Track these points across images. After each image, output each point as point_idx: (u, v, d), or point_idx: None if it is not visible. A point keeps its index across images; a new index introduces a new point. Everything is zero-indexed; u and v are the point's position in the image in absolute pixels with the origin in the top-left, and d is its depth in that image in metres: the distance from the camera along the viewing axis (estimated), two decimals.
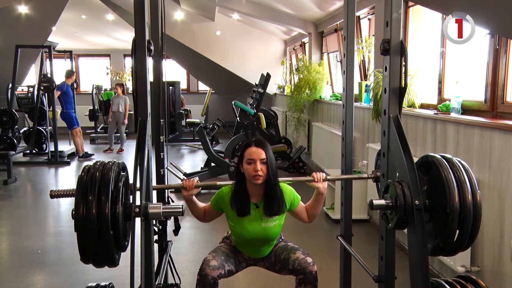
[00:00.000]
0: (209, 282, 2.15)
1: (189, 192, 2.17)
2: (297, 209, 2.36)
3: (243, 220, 2.26)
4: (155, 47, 2.24)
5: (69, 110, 8.30)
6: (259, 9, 7.89)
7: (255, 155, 2.18)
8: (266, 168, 2.18)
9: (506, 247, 2.56)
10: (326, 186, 2.25)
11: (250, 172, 2.18)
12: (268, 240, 2.34)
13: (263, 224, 2.27)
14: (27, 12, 7.64)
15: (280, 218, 2.31)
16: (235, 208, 2.25)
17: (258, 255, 2.41)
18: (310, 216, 2.38)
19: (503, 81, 2.95)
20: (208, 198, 2.52)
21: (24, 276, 3.38)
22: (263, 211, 2.25)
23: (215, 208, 2.35)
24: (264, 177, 2.18)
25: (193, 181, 2.15)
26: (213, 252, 2.31)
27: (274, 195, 2.22)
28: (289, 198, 2.31)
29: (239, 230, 2.30)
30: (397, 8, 1.81)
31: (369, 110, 4.18)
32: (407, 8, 4.12)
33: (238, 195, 2.25)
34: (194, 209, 2.34)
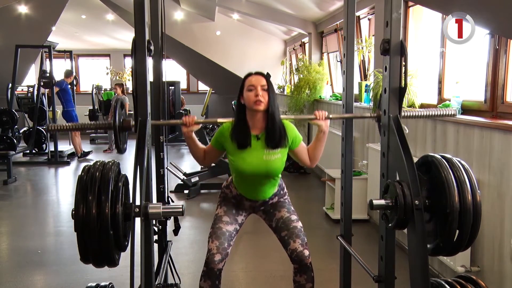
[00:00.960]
0: (214, 274, 2.20)
1: (189, 128, 2.15)
2: (299, 148, 2.29)
3: (244, 152, 2.20)
4: (155, 47, 2.24)
5: (70, 109, 8.31)
6: (259, 9, 7.89)
7: (256, 82, 2.14)
8: (267, 95, 2.14)
9: (506, 247, 2.56)
10: (328, 125, 2.22)
11: (251, 99, 2.13)
12: (269, 176, 2.26)
13: (264, 157, 2.20)
14: (27, 12, 7.64)
15: (282, 152, 2.23)
16: (235, 140, 2.20)
17: (259, 197, 2.33)
18: (312, 157, 2.32)
19: (503, 81, 2.95)
20: (208, 198, 2.53)
21: (24, 276, 3.38)
22: (264, 143, 2.19)
23: (216, 146, 2.29)
24: (265, 104, 2.13)
25: (193, 117, 2.14)
26: (216, 240, 2.23)
27: (275, 126, 2.17)
28: (291, 134, 2.25)
29: (240, 163, 2.22)
30: (397, 8, 1.81)
31: (369, 110, 4.19)
32: (407, 8, 4.12)
33: (238, 127, 2.20)
34: (194, 147, 2.29)
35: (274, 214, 2.37)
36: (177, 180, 5.79)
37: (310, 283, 2.28)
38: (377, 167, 2.25)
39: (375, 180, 3.79)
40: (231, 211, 2.37)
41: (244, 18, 9.06)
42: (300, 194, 5.69)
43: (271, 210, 2.38)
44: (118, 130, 1.89)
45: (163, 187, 2.65)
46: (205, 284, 2.22)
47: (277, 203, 2.39)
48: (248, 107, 2.18)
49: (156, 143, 2.65)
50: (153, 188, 2.03)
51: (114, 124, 1.87)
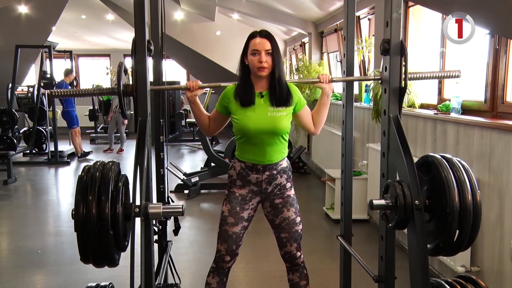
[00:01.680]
0: (223, 271, 2.26)
1: (192, 92, 2.15)
2: (303, 111, 2.26)
3: (248, 109, 2.15)
4: (155, 47, 2.24)
5: (70, 109, 8.31)
6: (259, 9, 7.89)
7: (260, 46, 2.10)
8: (272, 60, 2.11)
9: (506, 247, 2.56)
10: (332, 87, 2.22)
11: (255, 64, 2.10)
12: (276, 133, 2.17)
13: (269, 114, 2.15)
14: (27, 12, 7.64)
15: (287, 111, 2.18)
16: (239, 98, 2.16)
17: (265, 159, 2.20)
18: (316, 122, 2.30)
19: (503, 81, 2.95)
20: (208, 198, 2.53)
21: (24, 276, 3.38)
22: (268, 101, 2.16)
23: (220, 110, 2.24)
24: (269, 68, 2.11)
25: (197, 81, 2.15)
26: (224, 243, 2.22)
27: (280, 88, 2.14)
28: (296, 95, 2.23)
29: (245, 122, 2.15)
30: (397, 8, 1.81)
31: (369, 110, 4.19)
32: (407, 8, 4.12)
33: (242, 85, 2.18)
34: (198, 113, 2.26)
35: (282, 211, 2.27)
36: (177, 180, 5.79)
37: (304, 280, 2.32)
38: (377, 167, 2.25)
39: (375, 180, 3.79)
40: (235, 209, 2.25)
41: (244, 18, 9.05)
42: (300, 194, 5.66)
43: (280, 206, 2.27)
44: (122, 95, 1.90)
45: (163, 187, 2.65)
46: (212, 280, 2.28)
47: (287, 199, 2.27)
48: (252, 71, 2.17)
49: (156, 143, 2.64)
50: (153, 188, 2.03)
51: (119, 89, 1.89)
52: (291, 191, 2.30)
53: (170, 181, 3.54)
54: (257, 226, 2.90)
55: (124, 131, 9.36)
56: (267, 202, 2.29)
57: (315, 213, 4.94)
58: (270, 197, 2.27)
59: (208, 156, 6.42)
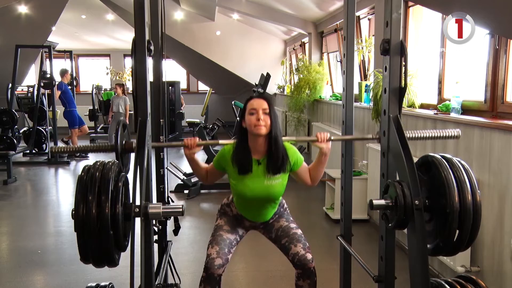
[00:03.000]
0: (214, 279, 2.17)
1: (191, 150, 2.15)
2: (300, 169, 2.29)
3: (245, 177, 2.20)
4: (155, 47, 2.24)
5: (71, 109, 8.33)
6: (259, 9, 7.89)
7: (258, 105, 2.14)
8: (269, 120, 2.13)
9: (506, 247, 2.56)
10: (329, 147, 2.21)
11: (252, 122, 2.12)
12: (271, 200, 2.27)
13: (265, 182, 2.20)
14: (27, 12, 7.64)
15: (283, 177, 2.24)
16: (237, 165, 2.19)
17: (260, 219, 2.34)
18: (313, 178, 2.32)
19: (503, 81, 2.95)
20: (208, 198, 2.54)
21: (24, 276, 3.38)
22: (265, 169, 2.19)
23: (217, 167, 2.29)
24: (267, 128, 2.12)
25: (195, 139, 2.14)
26: (216, 245, 2.21)
27: (277, 151, 2.16)
28: (292, 157, 2.25)
29: (241, 188, 2.22)
30: (397, 8, 1.81)
31: (369, 110, 4.19)
32: (407, 8, 4.12)
33: (240, 151, 2.19)
34: (196, 168, 2.29)
35: (273, 225, 2.37)
36: (177, 180, 5.79)
37: (313, 287, 2.25)
38: (377, 167, 2.25)
39: (375, 180, 3.79)
40: (232, 223, 2.37)
41: (244, 18, 9.06)
42: (300, 194, 5.69)
43: (270, 221, 2.39)
44: (120, 153, 1.88)
45: (163, 187, 2.65)
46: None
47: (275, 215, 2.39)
48: (249, 131, 2.17)
49: None
50: (153, 188, 2.03)
51: (116, 146, 1.86)
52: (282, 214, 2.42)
53: (170, 181, 3.55)
54: None
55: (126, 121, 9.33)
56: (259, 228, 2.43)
57: (315, 213, 4.94)
58: None
59: (208, 156, 6.42)
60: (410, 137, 1.96)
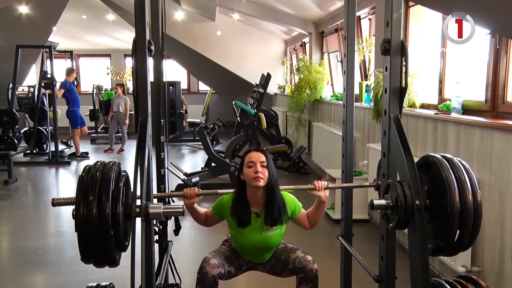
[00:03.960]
0: (209, 281, 2.13)
1: (190, 200, 2.17)
2: (299, 217, 2.36)
3: (244, 229, 2.27)
4: (156, 47, 2.24)
5: (75, 108, 8.34)
6: (260, 9, 7.89)
7: (255, 158, 2.20)
8: (267, 172, 2.19)
9: (507, 247, 2.56)
10: (327, 195, 2.24)
11: (251, 175, 2.17)
12: (269, 248, 2.35)
13: (264, 234, 2.27)
14: (27, 12, 7.64)
15: (281, 227, 2.31)
16: (236, 218, 2.25)
17: (259, 261, 2.41)
18: (312, 223, 2.38)
19: (503, 81, 2.94)
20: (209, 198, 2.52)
21: (24, 276, 3.38)
22: (263, 220, 2.25)
23: (216, 215, 2.37)
24: (265, 180, 2.18)
25: (194, 189, 2.17)
26: (213, 252, 2.31)
27: (275, 203, 2.21)
28: (290, 206, 2.31)
29: (240, 239, 2.31)
30: (398, 8, 1.81)
31: (370, 110, 4.18)
32: (407, 8, 4.12)
33: (238, 204, 2.25)
34: (196, 215, 2.35)
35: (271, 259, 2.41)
36: (177, 180, 5.79)
37: None
38: None
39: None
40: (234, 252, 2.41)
41: (245, 18, 9.05)
42: (300, 194, 5.67)
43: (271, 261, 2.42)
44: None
45: (163, 187, 2.66)
46: None
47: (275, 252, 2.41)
48: (248, 183, 2.21)
49: (157, 143, 2.65)
50: (153, 188, 2.03)
51: None
52: None
53: (170, 181, 3.54)
54: None
55: (126, 131, 9.36)
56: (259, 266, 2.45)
57: None
58: None
59: (208, 156, 6.42)
60: None
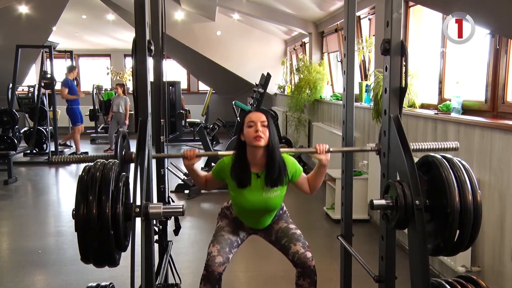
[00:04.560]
0: (215, 278, 2.18)
1: (190, 161, 2.17)
2: (299, 180, 2.32)
3: (244, 190, 2.23)
4: (156, 47, 2.24)
5: (74, 106, 8.35)
6: (260, 9, 7.89)
7: (256, 118, 2.17)
8: (268, 132, 2.16)
9: (507, 247, 2.56)
10: (328, 158, 2.22)
11: (251, 135, 2.15)
12: (269, 211, 2.32)
13: (264, 195, 2.24)
14: (27, 12, 7.64)
15: (282, 189, 2.27)
16: (236, 179, 2.23)
17: (259, 226, 2.38)
18: (312, 187, 2.35)
19: (503, 81, 2.95)
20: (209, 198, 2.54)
21: (24, 276, 3.38)
22: (264, 181, 2.22)
23: (216, 177, 2.33)
24: (265, 140, 2.15)
25: (194, 151, 2.17)
26: (217, 244, 2.24)
27: (275, 164, 2.18)
28: (291, 169, 2.28)
29: (240, 200, 2.27)
30: (398, 8, 1.81)
31: (370, 110, 4.18)
32: (407, 8, 4.12)
33: (238, 165, 2.22)
34: (196, 177, 2.33)
35: (272, 227, 2.40)
36: (177, 180, 5.79)
37: (313, 286, 2.26)
38: (378, 167, 2.25)
39: (375, 180, 3.79)
40: (233, 225, 2.39)
41: (245, 18, 9.05)
42: (300, 194, 5.67)
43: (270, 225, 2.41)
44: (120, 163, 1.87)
45: (163, 187, 2.66)
46: None
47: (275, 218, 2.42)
48: (248, 143, 2.19)
49: (157, 143, 2.65)
50: (153, 188, 2.03)
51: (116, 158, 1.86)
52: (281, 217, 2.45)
53: (170, 181, 3.55)
54: None
55: (125, 131, 9.35)
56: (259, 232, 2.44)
57: (315, 213, 4.94)
58: None
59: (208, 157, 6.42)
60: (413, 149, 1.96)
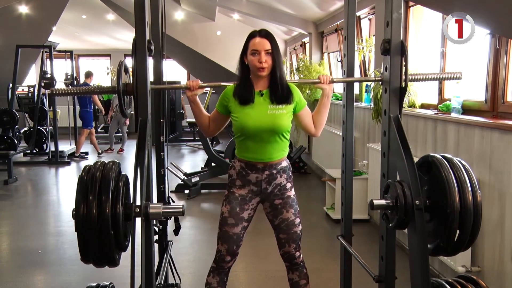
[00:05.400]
0: (224, 271, 2.28)
1: (192, 92, 2.15)
2: (303, 111, 2.25)
3: (247, 107, 2.14)
4: (156, 47, 2.24)
5: (91, 110, 8.58)
6: (260, 9, 7.89)
7: (260, 46, 2.09)
8: (272, 59, 2.10)
9: (507, 247, 2.56)
10: (332, 88, 2.21)
11: (255, 64, 2.09)
12: (274, 132, 2.15)
13: (269, 112, 2.14)
14: (27, 12, 7.64)
15: (287, 109, 2.17)
16: (238, 96, 2.15)
17: (265, 157, 2.19)
18: (317, 123, 2.28)
19: (503, 81, 2.94)
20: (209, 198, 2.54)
21: (24, 276, 3.38)
22: (268, 99, 2.15)
23: (220, 110, 2.23)
24: (269, 68, 2.10)
25: (197, 81, 2.14)
26: (225, 243, 2.22)
27: (281, 85, 2.13)
28: (297, 95, 2.22)
29: (244, 119, 2.14)
30: (398, 8, 1.81)
31: (370, 110, 4.18)
32: (407, 8, 4.12)
33: (241, 84, 2.17)
34: (199, 112, 2.25)
35: (281, 212, 2.26)
36: (177, 180, 5.79)
37: (304, 279, 2.33)
38: (378, 167, 2.25)
39: (375, 180, 3.79)
40: (235, 210, 2.24)
41: (245, 18, 9.05)
42: (300, 194, 5.65)
43: (279, 207, 2.25)
44: (122, 94, 1.89)
45: (163, 187, 2.65)
46: (213, 279, 2.29)
47: (287, 200, 2.25)
48: (251, 70, 2.16)
49: (157, 143, 2.64)
50: (153, 188, 2.03)
51: (118, 88, 1.86)
52: (291, 191, 2.28)
53: (170, 181, 3.54)
54: (257, 226, 2.90)
55: (126, 131, 9.37)
56: (267, 202, 2.28)
57: (315, 213, 4.94)
58: (270, 198, 2.26)
59: (208, 156, 6.42)
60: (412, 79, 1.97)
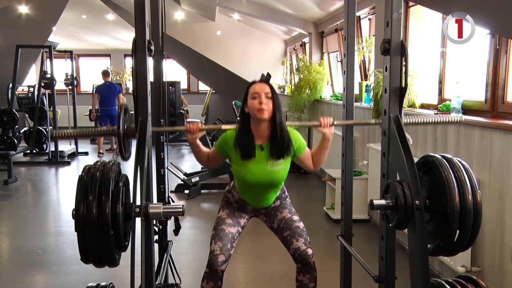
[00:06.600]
0: (217, 276, 2.20)
1: (193, 135, 2.14)
2: (303, 154, 2.27)
3: (248, 162, 2.18)
4: (156, 47, 2.24)
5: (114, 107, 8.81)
6: (260, 9, 7.89)
7: (260, 89, 2.12)
8: (272, 104, 2.12)
9: (507, 247, 2.56)
10: (332, 132, 2.20)
11: (255, 106, 2.10)
12: (273, 185, 2.26)
13: (268, 168, 2.18)
14: (27, 12, 7.64)
15: (286, 162, 2.22)
16: (239, 151, 2.18)
17: (262, 204, 2.33)
18: (316, 162, 2.31)
19: (503, 81, 2.95)
20: (209, 198, 2.55)
21: (24, 276, 3.38)
22: (268, 154, 2.17)
23: (220, 152, 2.27)
24: (269, 112, 2.11)
25: (198, 124, 2.14)
26: (219, 241, 2.21)
27: (279, 135, 2.14)
28: (296, 142, 2.23)
29: (244, 173, 2.21)
30: (398, 8, 1.81)
31: (370, 110, 4.18)
32: (407, 8, 4.12)
33: (242, 136, 2.18)
34: (198, 152, 2.28)
35: (275, 215, 2.36)
36: (177, 180, 5.79)
37: (312, 282, 2.28)
38: (378, 167, 2.25)
39: (375, 180, 3.79)
40: (234, 214, 2.35)
41: (245, 18, 9.06)
42: (300, 194, 5.69)
43: (273, 212, 2.37)
44: (122, 137, 1.85)
45: (163, 187, 2.66)
46: (207, 285, 2.21)
47: (279, 205, 2.38)
48: (252, 116, 2.15)
49: (157, 143, 2.65)
50: (153, 188, 2.03)
51: (118, 130, 1.84)
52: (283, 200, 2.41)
53: (170, 181, 3.55)
54: (257, 226, 2.90)
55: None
56: (261, 215, 2.41)
57: (315, 213, 4.94)
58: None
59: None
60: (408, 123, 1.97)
